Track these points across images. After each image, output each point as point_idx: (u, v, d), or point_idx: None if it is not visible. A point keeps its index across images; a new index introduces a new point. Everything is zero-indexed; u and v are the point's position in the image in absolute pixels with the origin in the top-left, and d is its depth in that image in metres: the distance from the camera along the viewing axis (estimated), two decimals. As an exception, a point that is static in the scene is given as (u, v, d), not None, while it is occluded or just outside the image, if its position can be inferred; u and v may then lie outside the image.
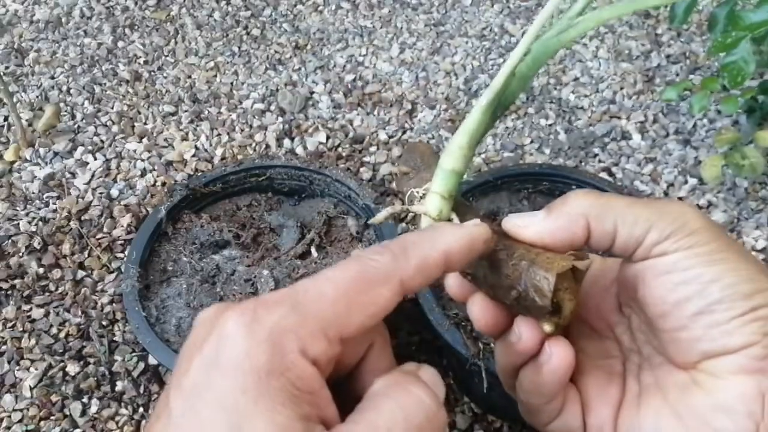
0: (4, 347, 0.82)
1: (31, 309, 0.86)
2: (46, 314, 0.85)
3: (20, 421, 0.77)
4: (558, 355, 0.30)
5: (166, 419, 0.23)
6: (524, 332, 0.31)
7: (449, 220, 0.32)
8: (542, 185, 0.81)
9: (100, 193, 0.99)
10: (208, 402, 0.22)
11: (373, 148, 1.06)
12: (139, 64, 1.22)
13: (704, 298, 0.28)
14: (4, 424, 0.76)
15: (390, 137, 1.08)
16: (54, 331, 0.84)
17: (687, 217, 0.29)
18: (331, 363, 0.24)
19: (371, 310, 0.24)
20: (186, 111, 1.13)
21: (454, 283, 0.34)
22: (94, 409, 0.78)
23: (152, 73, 1.21)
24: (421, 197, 0.32)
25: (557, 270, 0.28)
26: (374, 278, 0.24)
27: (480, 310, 0.33)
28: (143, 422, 0.77)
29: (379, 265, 0.25)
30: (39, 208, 0.97)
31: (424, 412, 0.24)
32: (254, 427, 0.21)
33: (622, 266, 0.32)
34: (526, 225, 0.30)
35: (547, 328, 0.29)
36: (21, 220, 0.95)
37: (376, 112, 1.13)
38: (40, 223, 0.95)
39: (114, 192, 0.99)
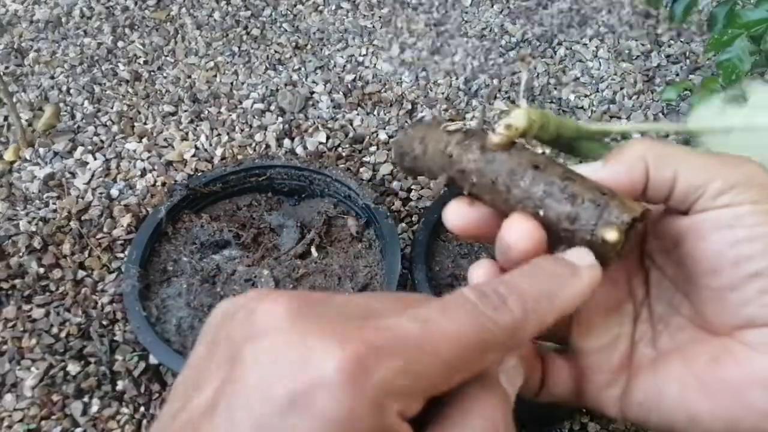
0: (4, 347, 0.82)
1: (31, 309, 0.86)
2: (47, 314, 0.85)
3: (21, 420, 0.77)
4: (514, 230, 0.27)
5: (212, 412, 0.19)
6: (519, 231, 0.26)
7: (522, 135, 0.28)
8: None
9: (100, 193, 0.99)
10: None
11: (373, 148, 1.06)
12: (139, 64, 1.22)
13: (767, 258, 0.26)
14: (6, 423, 0.76)
15: (390, 137, 1.08)
16: (55, 330, 0.84)
17: (753, 170, 0.27)
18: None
19: (472, 372, 0.22)
20: (186, 111, 1.13)
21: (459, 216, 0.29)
22: (95, 408, 0.78)
23: (152, 73, 1.21)
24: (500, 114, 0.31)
25: (634, 209, 0.25)
26: (490, 346, 0.22)
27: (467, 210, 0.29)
28: (144, 421, 0.77)
29: (497, 330, 0.22)
30: (39, 208, 0.97)
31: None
32: None
33: (668, 219, 0.29)
34: (587, 173, 0.28)
35: (613, 235, 0.25)
36: (21, 220, 0.95)
37: (376, 112, 1.13)
38: (40, 223, 0.95)
39: (114, 192, 0.99)
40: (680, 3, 0.84)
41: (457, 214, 0.29)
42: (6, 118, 1.10)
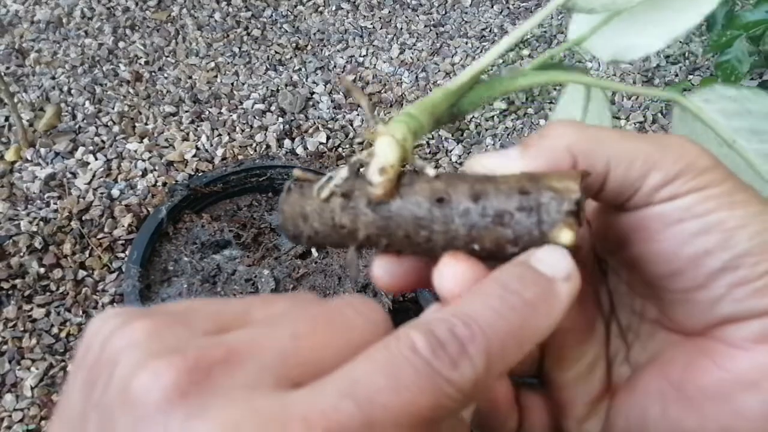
0: (5, 347, 0.82)
1: (32, 309, 0.86)
2: (47, 314, 0.85)
3: (21, 420, 0.77)
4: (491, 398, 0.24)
5: None
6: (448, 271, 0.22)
7: (403, 164, 0.24)
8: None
9: (101, 193, 0.99)
10: None
11: (373, 149, 1.06)
12: (140, 64, 1.23)
13: (729, 249, 0.22)
14: (5, 423, 0.76)
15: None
16: (55, 330, 0.84)
17: (692, 153, 0.23)
18: None
19: None
20: (187, 111, 1.13)
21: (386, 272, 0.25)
22: (95, 408, 0.78)
23: (153, 73, 1.21)
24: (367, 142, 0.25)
25: (577, 174, 0.22)
26: (447, 411, 0.18)
27: (390, 263, 0.24)
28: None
29: (456, 394, 0.17)
30: (40, 208, 0.98)
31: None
32: None
33: (605, 216, 0.25)
34: (498, 166, 0.23)
35: (567, 235, 0.22)
36: (22, 220, 0.95)
37: (376, 113, 1.13)
38: (41, 223, 0.95)
39: (115, 192, 0.99)
40: (680, 4, 0.84)
41: (386, 272, 0.24)
42: (7, 119, 1.10)
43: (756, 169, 0.31)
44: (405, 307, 0.77)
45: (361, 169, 0.23)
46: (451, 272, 0.22)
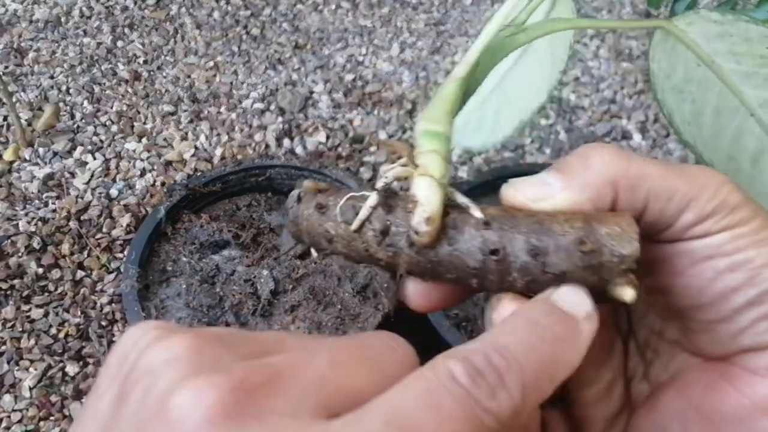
0: (3, 347, 0.82)
1: (30, 309, 0.86)
2: (46, 314, 0.85)
3: (20, 421, 0.76)
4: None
5: None
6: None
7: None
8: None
9: (100, 193, 0.99)
10: None
11: (373, 148, 1.06)
12: (139, 63, 1.22)
13: (755, 286, 0.23)
14: (4, 424, 0.76)
15: (390, 137, 1.08)
16: (53, 331, 0.84)
17: (724, 189, 0.23)
18: None
19: None
20: (185, 111, 1.12)
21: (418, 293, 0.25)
22: (93, 409, 0.77)
23: (151, 72, 1.20)
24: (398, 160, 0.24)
25: (628, 213, 0.22)
26: None
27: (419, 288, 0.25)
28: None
29: (494, 423, 0.17)
30: (38, 208, 0.97)
31: None
32: None
33: None
34: (541, 198, 0.24)
35: (628, 293, 0.22)
36: (20, 220, 0.95)
37: (376, 112, 1.13)
38: (40, 223, 0.95)
39: (113, 192, 0.99)
40: (681, 3, 0.84)
41: (422, 296, 0.25)
42: (5, 118, 1.10)
43: (731, 87, 0.33)
44: (405, 308, 0.77)
45: (390, 199, 0.23)
46: (509, 312, 0.22)
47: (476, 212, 0.23)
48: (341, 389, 0.17)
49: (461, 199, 0.23)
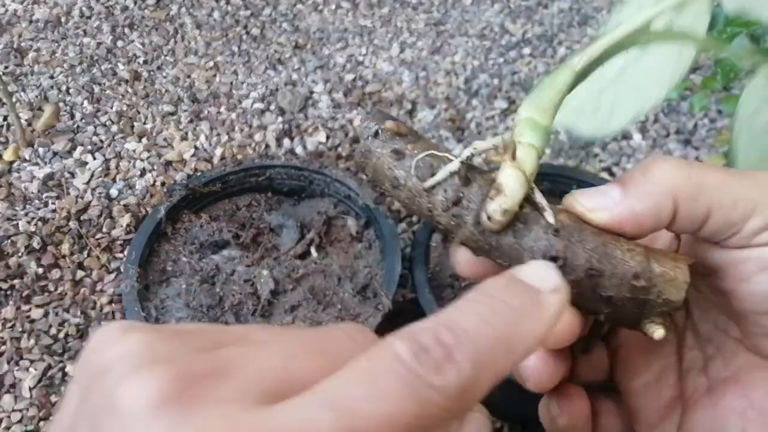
0: (3, 347, 0.82)
1: (30, 309, 0.86)
2: (46, 314, 0.85)
3: (20, 421, 0.76)
4: (568, 414, 0.26)
5: None
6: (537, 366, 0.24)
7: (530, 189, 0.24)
8: (543, 185, 0.81)
9: (100, 193, 0.99)
10: None
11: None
12: (139, 63, 1.22)
13: None
14: (4, 424, 0.76)
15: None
16: (53, 331, 0.84)
17: None
18: None
19: None
20: (185, 111, 1.12)
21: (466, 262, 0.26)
22: (93, 409, 0.77)
23: (151, 72, 1.20)
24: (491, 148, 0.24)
25: (686, 261, 0.23)
26: (433, 421, 0.17)
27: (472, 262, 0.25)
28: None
29: (442, 400, 0.17)
30: (38, 208, 0.97)
31: None
32: None
33: (698, 245, 0.26)
34: (599, 208, 0.24)
35: (659, 332, 0.23)
36: (20, 220, 0.95)
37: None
38: (40, 223, 0.95)
39: (113, 192, 0.99)
40: (681, 2, 0.84)
41: (469, 267, 0.26)
42: (5, 118, 1.10)
43: None
44: (405, 307, 0.77)
45: (470, 171, 0.23)
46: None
47: (550, 217, 0.23)
48: (290, 378, 0.17)
49: (539, 198, 0.24)
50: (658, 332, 0.23)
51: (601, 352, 0.29)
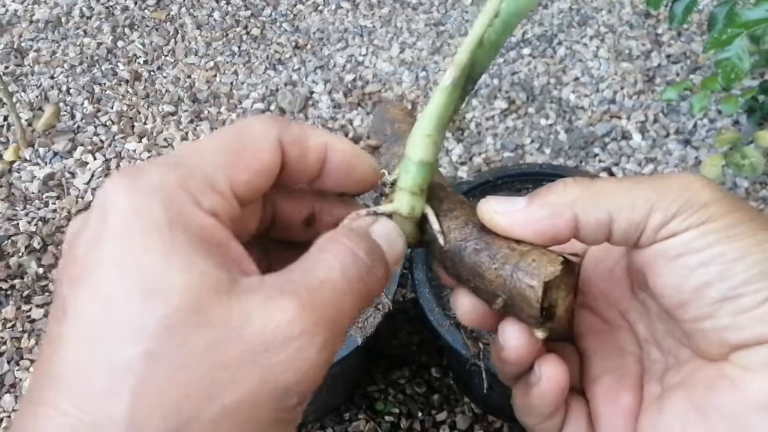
0: (3, 347, 0.82)
1: (30, 309, 0.86)
2: (46, 314, 0.85)
3: (20, 421, 0.77)
4: (548, 377, 0.27)
5: (61, 316, 0.19)
6: (510, 340, 0.27)
7: (423, 215, 0.28)
8: (543, 185, 0.81)
9: (100, 193, 0.99)
10: (107, 276, 0.19)
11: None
12: (139, 63, 1.22)
13: (727, 280, 0.24)
14: (4, 424, 0.76)
15: (390, 137, 1.08)
16: (54, 331, 0.84)
17: (693, 189, 0.25)
18: (235, 223, 0.22)
19: (255, 166, 0.23)
20: (186, 111, 1.12)
21: (466, 307, 0.29)
22: (93, 409, 0.77)
23: (152, 72, 1.21)
24: (391, 184, 0.29)
25: (544, 277, 0.25)
26: (252, 136, 0.23)
27: (466, 306, 0.29)
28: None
29: (255, 126, 0.23)
30: (39, 208, 0.97)
31: (356, 268, 0.22)
32: (170, 284, 0.19)
33: (628, 255, 0.28)
34: (503, 212, 0.27)
35: (540, 334, 0.26)
36: (21, 220, 0.95)
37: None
38: (40, 223, 0.95)
39: (114, 192, 0.99)
40: (680, 3, 0.84)
41: (469, 314, 0.29)
42: (6, 118, 1.10)
43: None
44: (405, 307, 0.77)
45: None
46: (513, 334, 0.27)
47: (440, 239, 0.28)
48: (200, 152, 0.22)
49: (435, 226, 0.28)
50: (537, 333, 0.26)
51: (573, 354, 0.31)
